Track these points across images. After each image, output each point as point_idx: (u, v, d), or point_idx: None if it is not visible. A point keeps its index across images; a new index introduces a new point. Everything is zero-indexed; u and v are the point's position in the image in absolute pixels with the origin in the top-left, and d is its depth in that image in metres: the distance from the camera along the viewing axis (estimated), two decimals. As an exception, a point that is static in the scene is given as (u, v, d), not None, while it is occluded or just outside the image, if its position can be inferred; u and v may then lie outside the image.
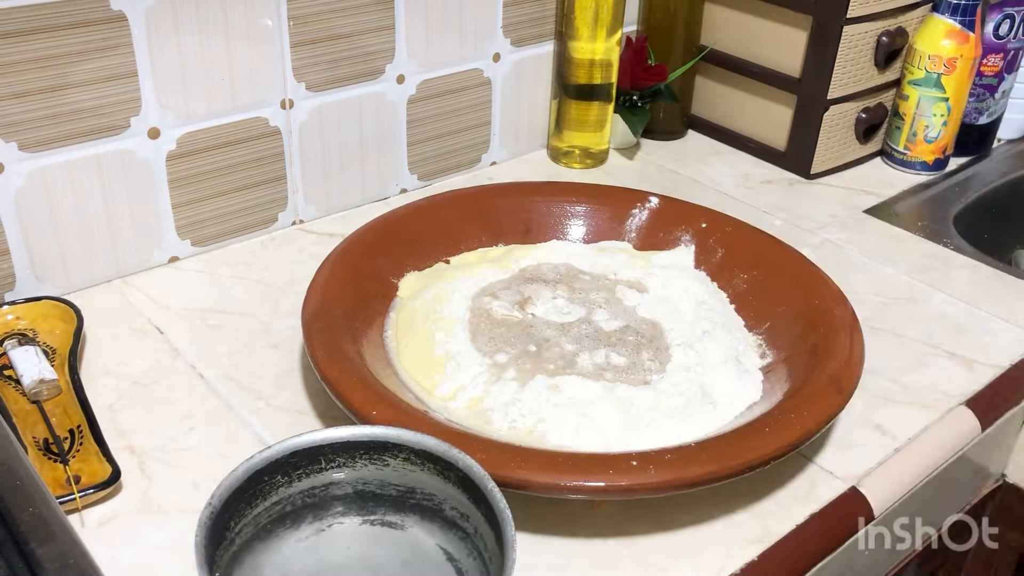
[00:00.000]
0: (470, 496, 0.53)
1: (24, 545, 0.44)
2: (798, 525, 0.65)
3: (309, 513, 0.56)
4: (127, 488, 0.64)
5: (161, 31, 0.80)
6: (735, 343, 0.76)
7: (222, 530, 0.50)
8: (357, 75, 0.94)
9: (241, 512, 0.52)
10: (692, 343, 0.75)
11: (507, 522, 0.49)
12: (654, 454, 0.62)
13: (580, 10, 1.03)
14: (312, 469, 0.54)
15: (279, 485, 0.54)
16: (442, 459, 0.53)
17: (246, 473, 0.51)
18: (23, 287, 0.80)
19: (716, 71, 1.17)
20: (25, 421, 0.67)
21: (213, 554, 0.49)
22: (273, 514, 0.54)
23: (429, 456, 0.54)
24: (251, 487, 0.52)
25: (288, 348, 0.78)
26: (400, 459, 0.55)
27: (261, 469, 0.52)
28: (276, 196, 0.94)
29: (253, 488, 0.52)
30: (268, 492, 0.53)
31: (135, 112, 0.81)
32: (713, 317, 0.79)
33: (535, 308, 0.79)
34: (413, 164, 1.03)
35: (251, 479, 0.52)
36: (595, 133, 1.10)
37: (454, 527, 0.55)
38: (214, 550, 0.49)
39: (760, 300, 0.82)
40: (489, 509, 0.51)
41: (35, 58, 0.74)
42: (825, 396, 0.67)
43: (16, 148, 0.76)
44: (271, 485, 0.53)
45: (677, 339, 0.76)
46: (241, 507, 0.52)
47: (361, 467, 0.55)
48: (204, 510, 0.49)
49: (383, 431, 0.55)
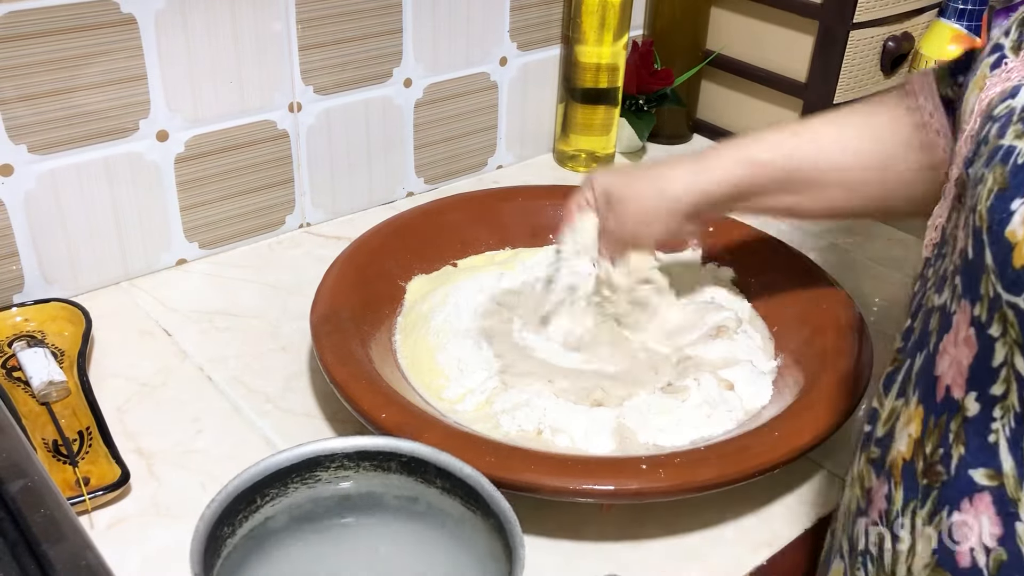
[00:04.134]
0: (419, 480, 0.53)
1: (36, 546, 0.44)
2: (807, 529, 0.65)
3: None
4: (136, 490, 0.64)
5: (170, 34, 0.80)
6: (752, 346, 0.76)
7: (217, 538, 0.50)
8: (365, 79, 0.94)
9: (234, 523, 0.52)
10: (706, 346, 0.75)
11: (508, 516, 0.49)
12: (663, 457, 0.62)
13: (587, 14, 1.03)
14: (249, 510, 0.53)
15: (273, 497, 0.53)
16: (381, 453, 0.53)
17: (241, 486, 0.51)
18: (32, 289, 0.81)
19: (722, 75, 1.17)
20: (34, 423, 0.67)
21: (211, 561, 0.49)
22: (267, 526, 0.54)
23: (364, 455, 0.54)
24: (253, 495, 0.52)
25: (296, 351, 0.79)
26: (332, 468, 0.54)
27: (257, 482, 0.52)
28: (284, 199, 0.94)
29: (253, 496, 0.52)
30: (262, 505, 0.53)
31: (144, 115, 0.81)
32: (728, 318, 0.79)
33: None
34: (420, 167, 1.03)
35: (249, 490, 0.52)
36: (601, 137, 1.10)
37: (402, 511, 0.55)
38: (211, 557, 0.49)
39: (767, 304, 0.82)
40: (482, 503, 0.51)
41: (45, 61, 0.75)
42: (834, 401, 0.67)
43: (26, 150, 0.76)
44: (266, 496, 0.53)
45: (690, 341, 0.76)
46: (236, 515, 0.52)
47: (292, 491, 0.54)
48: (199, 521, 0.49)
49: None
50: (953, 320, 0.45)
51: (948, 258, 0.47)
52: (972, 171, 0.44)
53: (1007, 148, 0.41)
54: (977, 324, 0.42)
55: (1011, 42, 0.48)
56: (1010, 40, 0.48)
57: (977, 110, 0.47)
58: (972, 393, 0.43)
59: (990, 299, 0.41)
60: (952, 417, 0.44)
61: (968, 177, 0.45)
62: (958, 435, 0.44)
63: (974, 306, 0.43)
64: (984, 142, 0.44)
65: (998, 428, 0.42)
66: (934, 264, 0.50)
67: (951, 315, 0.45)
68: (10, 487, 0.47)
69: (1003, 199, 0.40)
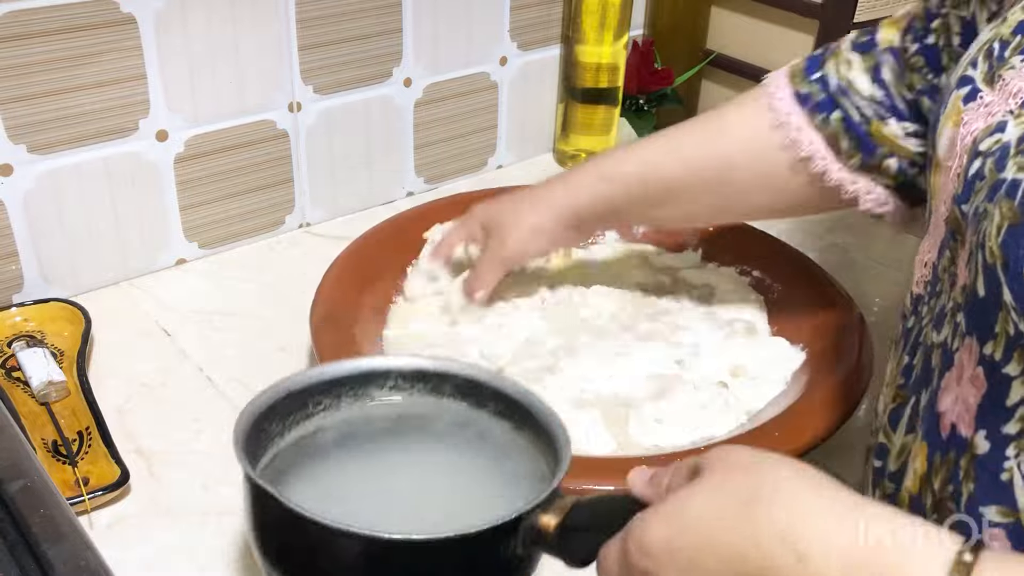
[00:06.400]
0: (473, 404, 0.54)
1: (36, 547, 0.44)
2: (807, 529, 0.65)
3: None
4: (135, 490, 0.64)
5: (170, 34, 0.80)
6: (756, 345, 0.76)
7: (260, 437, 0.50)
8: (364, 78, 0.94)
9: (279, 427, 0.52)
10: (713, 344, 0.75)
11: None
12: (663, 458, 0.62)
13: (587, 14, 1.03)
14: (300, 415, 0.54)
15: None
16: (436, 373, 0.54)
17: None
18: (31, 289, 0.81)
19: (722, 75, 1.17)
20: (34, 423, 0.67)
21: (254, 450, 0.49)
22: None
23: (420, 376, 0.54)
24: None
25: (295, 350, 0.78)
26: (387, 387, 0.54)
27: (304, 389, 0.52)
28: (283, 199, 0.94)
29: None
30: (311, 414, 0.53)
31: (143, 114, 0.81)
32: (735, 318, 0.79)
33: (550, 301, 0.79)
34: (420, 167, 1.03)
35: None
36: (601, 137, 1.10)
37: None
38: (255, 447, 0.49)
39: (767, 304, 0.82)
40: None
41: (44, 61, 0.74)
42: (834, 401, 0.67)
43: (25, 150, 0.76)
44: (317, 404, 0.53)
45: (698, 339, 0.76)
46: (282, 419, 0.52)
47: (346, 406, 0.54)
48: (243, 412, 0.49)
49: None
50: (956, 358, 0.44)
51: (945, 295, 0.46)
52: (968, 208, 0.44)
53: (1012, 181, 0.40)
54: (988, 363, 0.42)
55: (982, 74, 0.47)
56: (980, 72, 0.47)
57: (961, 146, 0.46)
58: (981, 431, 0.42)
59: (1009, 337, 0.40)
60: (961, 454, 0.43)
61: (962, 214, 0.44)
62: (968, 472, 0.43)
63: (983, 344, 0.42)
64: (979, 178, 0.43)
65: (1012, 467, 0.41)
66: (928, 301, 0.49)
67: (953, 352, 0.45)
68: (10, 487, 0.47)
69: (1016, 235, 0.39)
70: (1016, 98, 0.44)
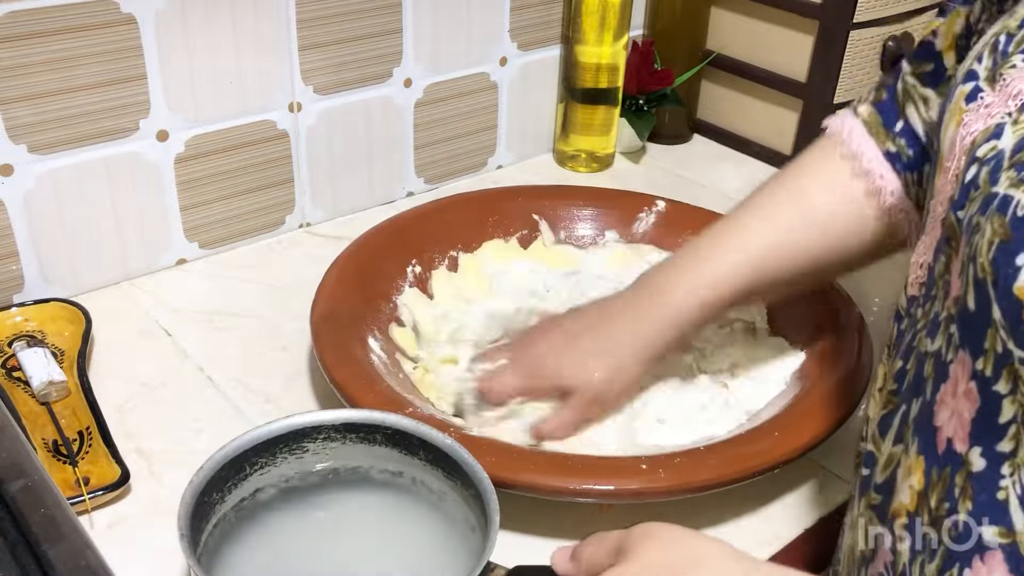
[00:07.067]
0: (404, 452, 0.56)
1: (36, 546, 0.44)
2: (807, 529, 0.65)
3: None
4: (136, 490, 0.64)
5: (170, 34, 0.80)
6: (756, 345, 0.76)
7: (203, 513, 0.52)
8: (365, 78, 0.94)
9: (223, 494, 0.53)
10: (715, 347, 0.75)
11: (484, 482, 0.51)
12: (663, 458, 0.62)
13: (587, 14, 1.03)
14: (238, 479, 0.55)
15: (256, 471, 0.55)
16: (366, 425, 0.55)
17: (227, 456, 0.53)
18: (32, 289, 0.81)
19: (722, 75, 1.17)
20: (34, 423, 0.67)
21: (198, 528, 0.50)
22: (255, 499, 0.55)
23: (350, 427, 0.56)
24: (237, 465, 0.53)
25: (296, 350, 0.79)
26: (320, 440, 0.56)
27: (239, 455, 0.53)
28: (284, 199, 0.94)
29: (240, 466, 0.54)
30: (247, 477, 0.54)
31: (144, 115, 0.81)
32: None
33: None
34: (420, 167, 1.03)
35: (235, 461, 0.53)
36: (601, 137, 1.10)
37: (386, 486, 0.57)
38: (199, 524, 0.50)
39: (767, 304, 0.82)
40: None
41: (44, 60, 0.74)
42: (834, 401, 0.67)
43: (25, 150, 0.76)
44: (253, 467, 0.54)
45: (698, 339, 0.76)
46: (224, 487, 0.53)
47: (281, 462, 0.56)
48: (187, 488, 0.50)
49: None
50: (950, 370, 0.43)
51: (939, 302, 0.45)
52: (963, 216, 0.43)
53: (1003, 197, 0.40)
54: (980, 378, 0.41)
55: (985, 71, 0.46)
56: (984, 68, 0.46)
57: (960, 148, 0.45)
58: (976, 448, 0.42)
59: (997, 354, 0.40)
60: (956, 471, 0.43)
61: (958, 220, 0.43)
62: (964, 490, 0.42)
63: (976, 359, 0.41)
64: (974, 186, 0.42)
65: (1007, 486, 0.40)
66: (923, 305, 0.48)
67: (947, 364, 0.44)
68: (10, 487, 0.47)
69: (1007, 252, 0.39)
70: (1016, 100, 0.43)
